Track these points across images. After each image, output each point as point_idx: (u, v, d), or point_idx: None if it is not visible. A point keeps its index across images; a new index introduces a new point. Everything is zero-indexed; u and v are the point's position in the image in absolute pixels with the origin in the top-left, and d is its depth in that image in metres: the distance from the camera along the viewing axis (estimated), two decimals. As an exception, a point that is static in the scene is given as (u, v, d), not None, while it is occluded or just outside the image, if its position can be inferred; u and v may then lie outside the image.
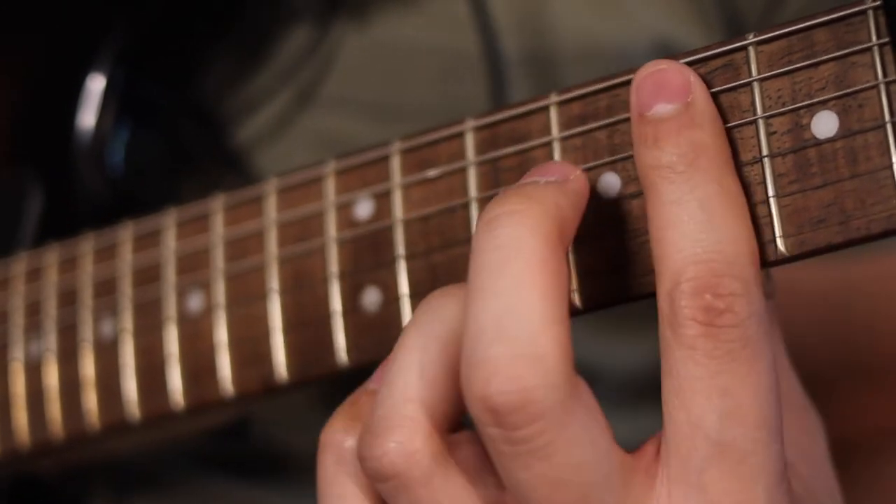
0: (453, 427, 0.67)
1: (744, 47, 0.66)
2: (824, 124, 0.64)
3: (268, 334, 0.79)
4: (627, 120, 0.67)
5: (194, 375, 0.81)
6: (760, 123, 0.66)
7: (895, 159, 0.62)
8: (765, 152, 0.65)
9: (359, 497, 0.68)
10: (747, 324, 0.62)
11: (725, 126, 0.66)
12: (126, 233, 0.86)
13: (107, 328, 0.85)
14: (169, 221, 0.84)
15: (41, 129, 0.98)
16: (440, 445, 0.65)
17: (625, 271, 0.68)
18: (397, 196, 0.75)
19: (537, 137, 0.71)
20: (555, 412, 0.61)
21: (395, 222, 0.75)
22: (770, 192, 0.65)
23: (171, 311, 0.83)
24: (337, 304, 0.76)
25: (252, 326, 0.79)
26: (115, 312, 0.85)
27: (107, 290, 0.86)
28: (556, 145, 0.70)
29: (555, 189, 0.65)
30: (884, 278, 1.04)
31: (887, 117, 0.63)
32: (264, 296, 0.79)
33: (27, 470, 0.95)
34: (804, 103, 0.65)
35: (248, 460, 0.99)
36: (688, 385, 0.63)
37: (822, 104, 0.64)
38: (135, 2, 0.96)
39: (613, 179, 0.69)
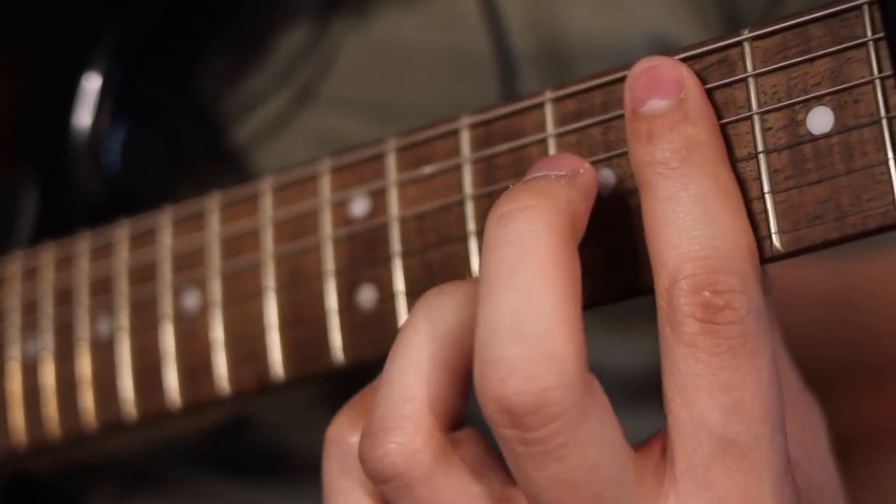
0: (454, 425, 0.67)
1: (739, 43, 0.66)
2: (820, 120, 0.64)
3: (264, 332, 0.79)
4: (622, 116, 0.67)
5: (191, 374, 0.81)
6: (756, 119, 0.65)
7: (891, 155, 0.62)
8: (760, 148, 0.65)
9: (364, 492, 0.68)
10: (747, 320, 0.62)
11: (720, 122, 0.66)
12: (122, 231, 0.86)
13: (103, 327, 0.85)
14: (165, 220, 0.84)
15: (38, 128, 0.98)
16: (441, 444, 0.65)
17: (622, 268, 0.68)
18: (393, 193, 0.75)
19: (532, 134, 0.71)
20: (571, 413, 0.60)
21: (391, 220, 0.75)
22: (765, 188, 0.65)
23: (167, 309, 0.82)
24: (333, 301, 0.76)
25: (248, 324, 0.79)
26: (111, 311, 0.85)
27: (103, 289, 0.86)
28: (551, 142, 0.70)
29: (566, 183, 0.64)
30: (884, 278, 1.04)
31: (883, 113, 0.62)
32: (260, 294, 0.79)
33: (24, 469, 0.95)
34: (799, 99, 0.65)
35: (246, 460, 0.99)
36: (690, 382, 0.62)
37: (818, 100, 0.64)
38: (133, 0, 0.96)
39: (609, 176, 0.69)
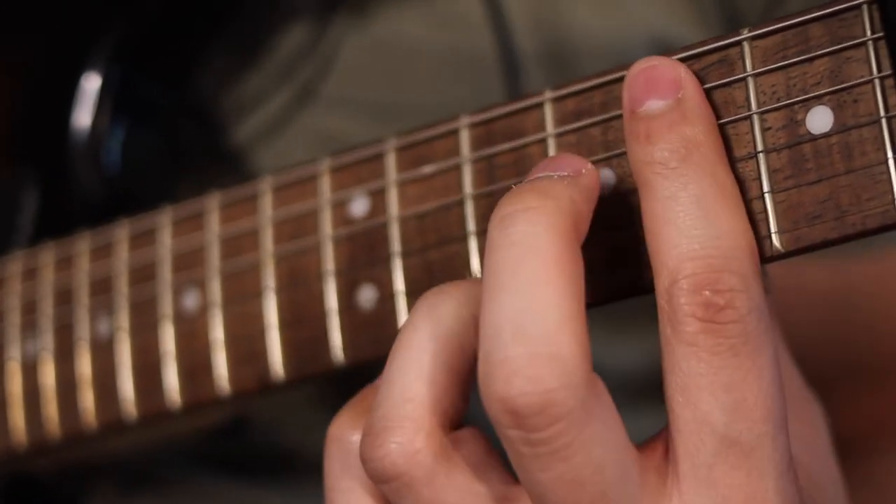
0: (455, 424, 0.67)
1: (738, 42, 0.66)
2: (819, 119, 0.64)
3: (263, 332, 0.79)
4: (622, 116, 0.67)
5: (190, 374, 0.81)
6: (755, 119, 0.65)
7: (890, 154, 0.62)
8: (759, 148, 0.65)
9: (365, 491, 0.68)
10: (748, 319, 0.62)
11: (720, 122, 0.66)
12: (122, 231, 0.86)
13: (103, 327, 0.85)
14: (164, 220, 0.83)
15: (37, 128, 0.98)
16: (442, 444, 0.65)
17: (622, 267, 0.68)
18: (392, 193, 0.75)
19: (532, 134, 0.71)
20: (575, 413, 0.60)
21: (391, 219, 0.75)
22: (765, 187, 0.65)
23: (167, 309, 0.82)
24: (332, 301, 0.76)
25: (248, 324, 0.79)
26: (111, 311, 0.85)
27: (103, 289, 0.86)
28: (550, 142, 0.70)
29: (569, 184, 0.64)
30: (884, 278, 1.04)
31: (882, 112, 0.62)
32: (260, 294, 0.79)
33: (24, 469, 0.95)
34: (799, 98, 0.65)
35: (246, 459, 0.99)
36: (692, 382, 0.62)
37: (817, 99, 0.64)
38: (133, 0, 0.96)
39: (609, 175, 0.69)
